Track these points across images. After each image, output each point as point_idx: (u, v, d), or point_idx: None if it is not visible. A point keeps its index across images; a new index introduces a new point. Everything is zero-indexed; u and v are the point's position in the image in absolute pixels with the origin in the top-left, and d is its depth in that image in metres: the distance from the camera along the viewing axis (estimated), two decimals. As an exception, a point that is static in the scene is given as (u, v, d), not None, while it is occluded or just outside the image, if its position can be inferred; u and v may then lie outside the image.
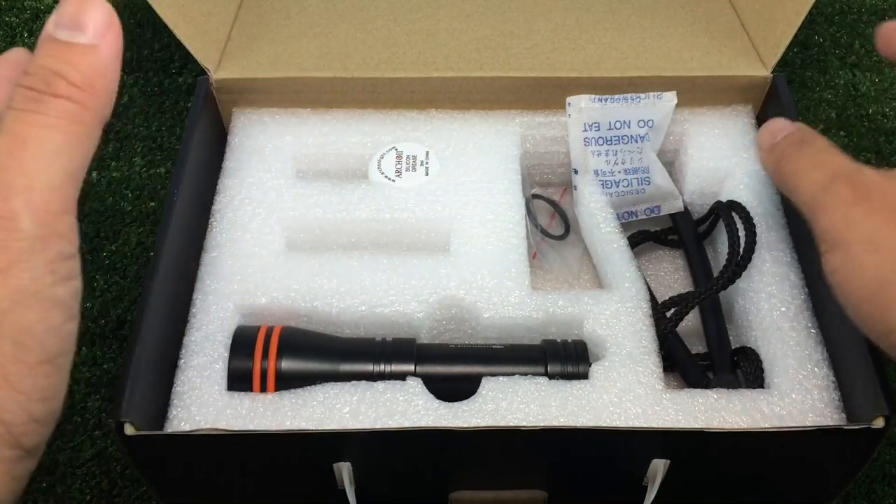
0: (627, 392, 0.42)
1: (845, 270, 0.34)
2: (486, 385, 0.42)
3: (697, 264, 0.52)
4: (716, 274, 0.49)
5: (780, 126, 0.41)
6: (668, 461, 0.41)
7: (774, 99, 0.55)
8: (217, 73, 0.54)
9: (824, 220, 0.35)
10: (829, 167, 0.36)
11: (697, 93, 0.55)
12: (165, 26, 0.51)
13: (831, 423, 0.41)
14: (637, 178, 0.54)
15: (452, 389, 0.42)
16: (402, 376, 0.42)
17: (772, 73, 0.55)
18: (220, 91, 0.55)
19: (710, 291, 0.47)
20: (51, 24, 0.27)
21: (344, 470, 0.41)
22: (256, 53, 0.56)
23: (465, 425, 0.40)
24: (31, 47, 0.28)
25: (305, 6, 0.60)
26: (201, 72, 0.54)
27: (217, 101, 0.55)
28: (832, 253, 0.34)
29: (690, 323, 0.49)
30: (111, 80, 0.28)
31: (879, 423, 0.38)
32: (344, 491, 0.41)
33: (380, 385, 0.42)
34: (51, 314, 0.25)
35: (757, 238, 0.47)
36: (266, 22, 0.59)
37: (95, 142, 0.28)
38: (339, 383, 0.42)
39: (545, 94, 0.55)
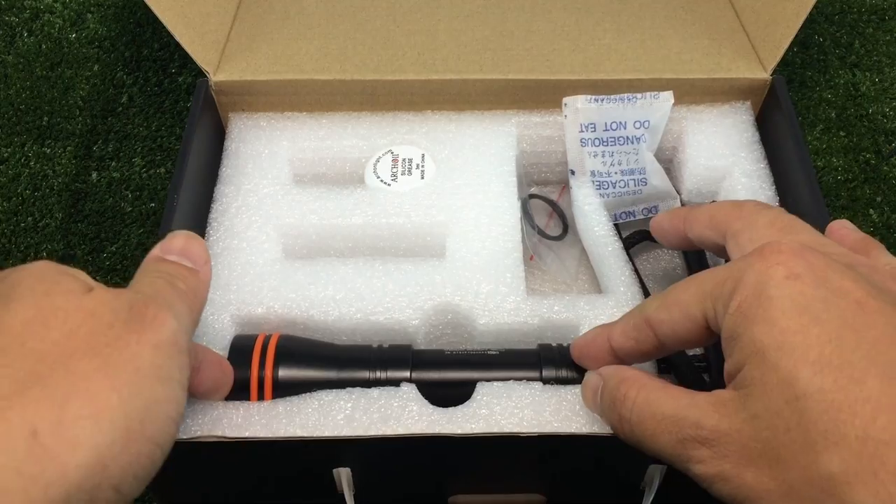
0: None
1: None
2: (481, 390, 0.42)
3: (695, 264, 0.52)
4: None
5: (593, 384, 0.37)
6: (665, 468, 0.41)
7: (774, 100, 0.55)
8: (216, 76, 0.54)
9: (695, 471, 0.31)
10: (666, 428, 0.32)
11: (697, 94, 0.55)
12: (165, 26, 0.51)
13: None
14: (634, 179, 0.54)
15: (448, 395, 0.42)
16: (397, 383, 0.42)
17: (771, 74, 0.55)
18: (219, 93, 0.55)
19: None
20: (157, 250, 0.35)
21: (343, 475, 0.41)
22: (255, 55, 0.56)
23: (459, 431, 0.40)
24: (31, 47, 0.29)
25: (304, 8, 0.60)
26: (201, 71, 0.54)
27: (216, 104, 0.55)
28: None
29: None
30: (205, 298, 0.35)
31: None
32: (343, 496, 0.42)
33: (374, 391, 0.42)
34: (171, 402, 0.30)
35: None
36: (265, 24, 0.59)
37: (192, 335, 0.34)
38: (333, 390, 0.42)
39: (545, 96, 0.55)
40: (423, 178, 0.52)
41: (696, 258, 0.52)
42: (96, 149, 0.66)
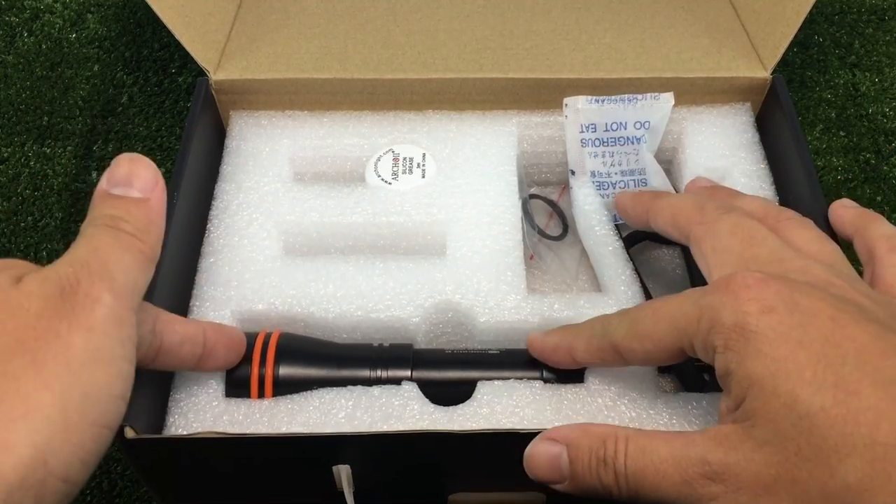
0: (622, 396, 0.42)
1: None
2: (482, 389, 0.42)
3: (695, 264, 0.52)
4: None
5: (547, 454, 0.36)
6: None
7: (774, 100, 0.55)
8: (216, 75, 0.54)
9: None
10: (667, 472, 0.31)
11: (697, 94, 0.55)
12: (165, 26, 0.51)
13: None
14: (634, 180, 0.54)
15: (448, 394, 0.42)
16: (398, 381, 0.42)
17: (771, 74, 0.55)
18: (219, 92, 0.55)
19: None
20: (103, 183, 0.33)
21: (343, 472, 0.41)
22: (256, 54, 0.56)
23: (460, 429, 0.40)
24: (31, 47, 0.29)
25: (305, 7, 0.60)
26: (201, 72, 0.54)
27: (217, 103, 0.55)
28: None
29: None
30: (160, 226, 0.33)
31: None
32: (342, 493, 0.41)
33: (375, 390, 0.42)
34: (114, 382, 0.29)
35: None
36: (265, 23, 0.59)
37: (148, 279, 0.33)
38: (334, 388, 0.42)
39: (545, 96, 0.55)
40: (423, 176, 0.52)
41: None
42: (96, 149, 0.66)
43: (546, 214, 0.57)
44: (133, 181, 0.33)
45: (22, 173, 0.65)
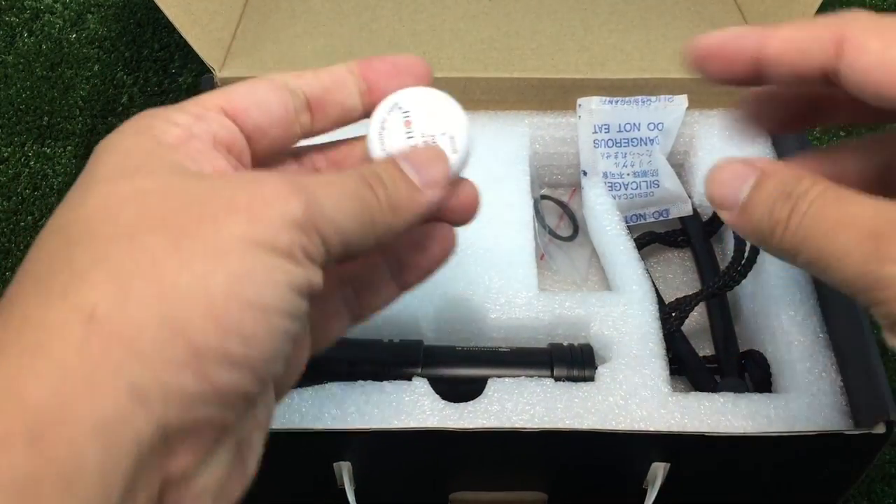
0: (633, 395, 0.42)
1: None
2: (492, 386, 0.42)
3: (706, 266, 0.52)
4: (724, 276, 0.48)
5: (736, 172, 0.28)
6: (668, 464, 0.41)
7: (779, 101, 0.55)
8: (221, 72, 0.54)
9: (888, 302, 0.23)
10: (855, 222, 0.24)
11: (702, 94, 0.55)
12: (165, 26, 0.51)
13: (836, 428, 0.41)
14: (646, 181, 0.53)
15: (459, 391, 0.42)
16: (408, 378, 0.42)
17: (777, 75, 0.55)
18: (223, 90, 0.55)
19: (712, 289, 0.47)
20: (403, 155, 0.29)
21: (344, 469, 0.40)
22: (261, 52, 0.56)
23: (471, 426, 0.40)
24: (31, 47, 0.28)
25: (310, 6, 0.60)
26: (201, 71, 0.54)
27: (221, 101, 0.55)
28: None
29: (698, 326, 0.49)
30: (407, 221, 0.28)
31: (881, 428, 0.38)
32: (343, 490, 0.41)
33: (386, 385, 0.41)
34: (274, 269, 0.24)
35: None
36: (271, 21, 0.58)
37: (359, 250, 0.27)
38: (346, 383, 0.41)
39: (549, 95, 0.55)
40: None
41: (706, 260, 0.52)
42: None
43: (556, 216, 0.56)
44: (425, 169, 0.28)
45: (22, 173, 0.65)
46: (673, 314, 0.47)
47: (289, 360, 0.27)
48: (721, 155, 0.52)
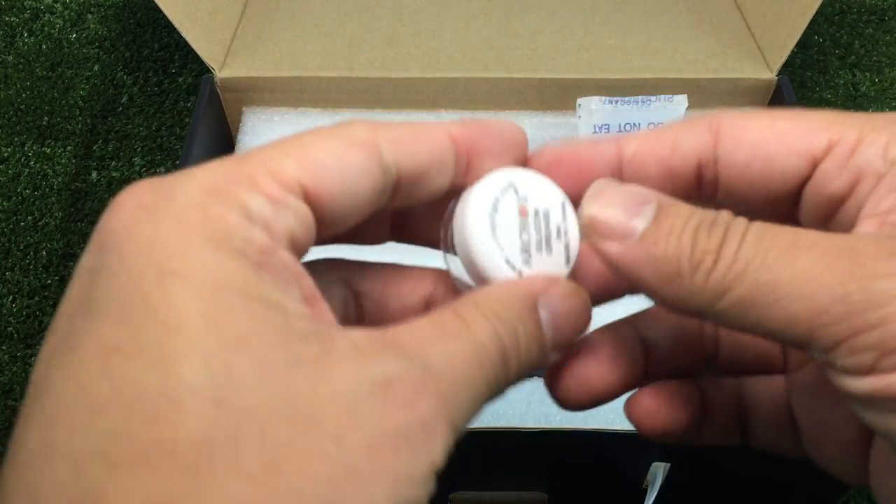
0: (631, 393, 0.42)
1: None
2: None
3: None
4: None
5: (631, 194, 0.21)
6: (668, 464, 0.41)
7: (779, 101, 0.55)
8: (222, 72, 0.54)
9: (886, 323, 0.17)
10: (819, 242, 0.19)
11: (702, 95, 0.56)
12: (165, 26, 0.51)
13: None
14: (643, 180, 0.54)
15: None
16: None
17: (776, 75, 0.55)
18: (224, 90, 0.55)
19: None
20: (543, 298, 0.22)
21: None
22: (261, 52, 0.56)
23: (471, 426, 0.40)
24: (31, 47, 0.28)
25: (311, 6, 0.60)
26: (201, 71, 0.54)
27: (221, 100, 0.55)
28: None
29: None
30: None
31: None
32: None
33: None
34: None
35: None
36: (271, 21, 0.59)
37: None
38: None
39: (549, 96, 0.55)
40: None
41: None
42: (96, 149, 0.66)
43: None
44: (562, 330, 0.22)
45: (22, 173, 0.65)
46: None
47: None
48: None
